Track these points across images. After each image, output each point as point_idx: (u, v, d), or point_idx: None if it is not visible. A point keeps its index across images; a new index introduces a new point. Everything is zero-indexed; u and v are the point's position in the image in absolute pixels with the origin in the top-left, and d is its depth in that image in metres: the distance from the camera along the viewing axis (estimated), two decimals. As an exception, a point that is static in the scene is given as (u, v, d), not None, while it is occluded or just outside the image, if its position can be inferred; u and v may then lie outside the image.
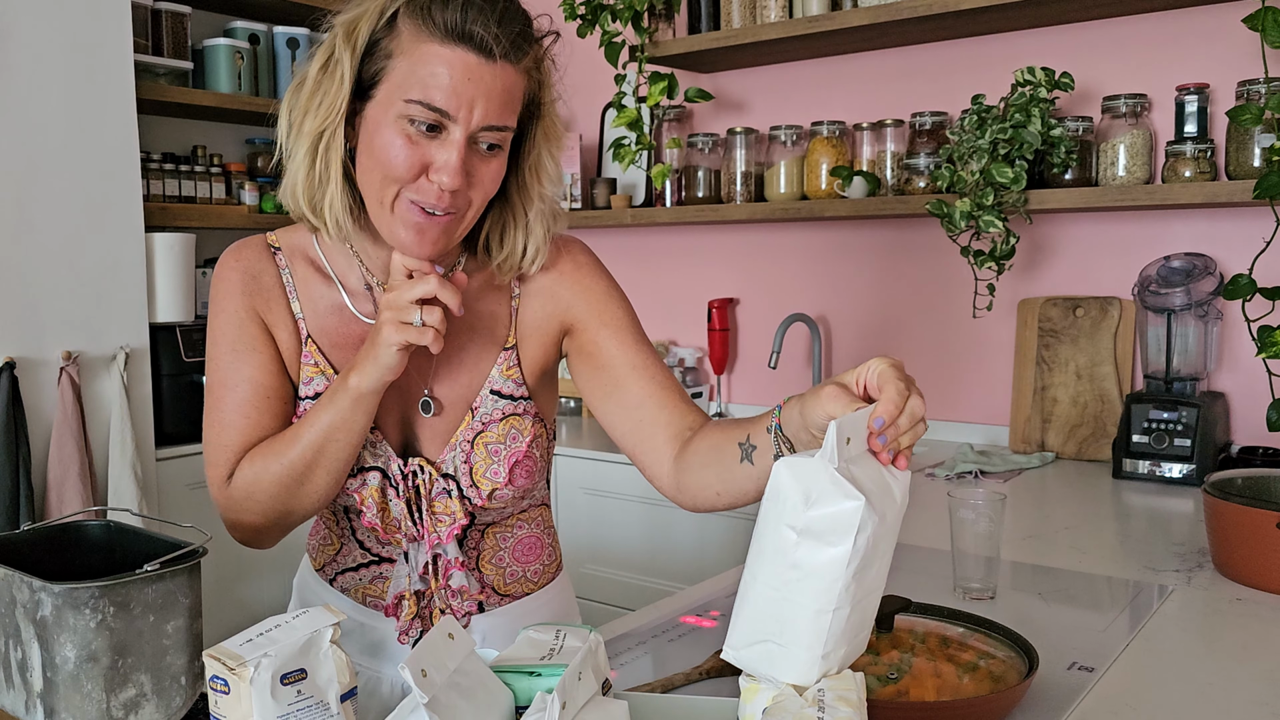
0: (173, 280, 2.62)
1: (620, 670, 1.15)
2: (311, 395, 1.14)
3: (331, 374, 1.14)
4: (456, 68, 0.99)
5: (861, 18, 2.37)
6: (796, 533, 0.79)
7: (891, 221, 2.65)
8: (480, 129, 1.01)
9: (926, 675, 1.01)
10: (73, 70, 2.38)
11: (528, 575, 1.28)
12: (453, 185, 1.00)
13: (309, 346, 1.14)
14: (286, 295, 1.15)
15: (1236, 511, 1.44)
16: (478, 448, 1.15)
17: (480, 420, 1.16)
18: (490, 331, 1.17)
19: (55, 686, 0.93)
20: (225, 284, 1.14)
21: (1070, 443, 2.33)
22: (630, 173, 3.00)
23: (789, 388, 2.84)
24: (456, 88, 0.99)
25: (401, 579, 1.18)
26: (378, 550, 1.21)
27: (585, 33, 2.73)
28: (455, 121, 1.00)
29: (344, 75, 1.02)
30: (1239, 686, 1.11)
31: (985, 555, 1.37)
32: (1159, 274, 2.17)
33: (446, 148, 1.01)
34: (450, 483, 1.15)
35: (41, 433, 2.34)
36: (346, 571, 1.24)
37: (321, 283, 1.16)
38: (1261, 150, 2.02)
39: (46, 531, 1.10)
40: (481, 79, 0.99)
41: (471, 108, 1.00)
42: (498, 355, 1.17)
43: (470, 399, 1.16)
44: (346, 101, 1.03)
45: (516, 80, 1.03)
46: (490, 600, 1.25)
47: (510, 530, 1.26)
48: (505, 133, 1.04)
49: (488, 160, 1.04)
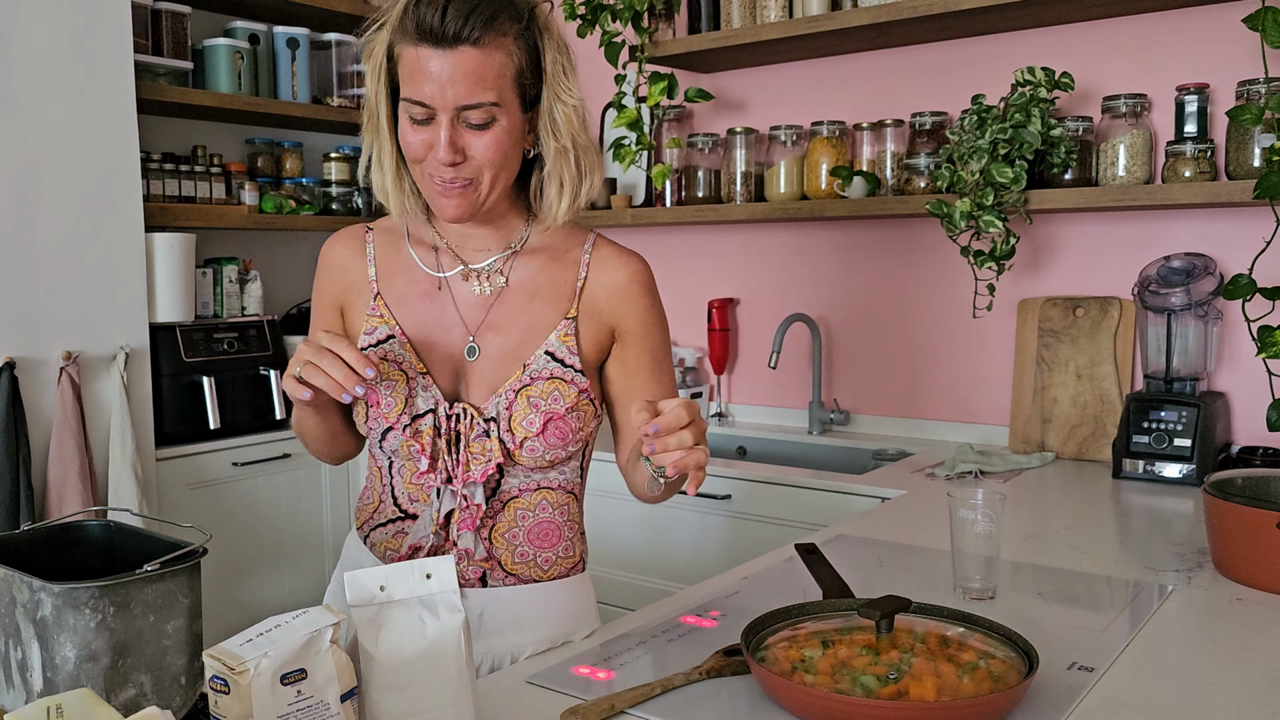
0: (173, 280, 2.62)
1: (620, 670, 1.15)
2: (373, 343, 1.29)
3: (394, 323, 1.29)
4: (422, 63, 1.15)
5: (861, 18, 2.37)
6: None
7: (891, 221, 2.65)
8: (458, 109, 1.16)
9: (926, 675, 1.01)
10: (73, 70, 2.38)
11: (538, 561, 1.29)
12: (446, 160, 1.17)
13: (377, 301, 1.31)
14: (366, 264, 1.34)
15: (1236, 511, 1.44)
16: (520, 398, 1.25)
17: (530, 375, 1.26)
18: (554, 298, 1.29)
19: (55, 686, 0.93)
20: (318, 274, 1.38)
21: (1070, 443, 2.33)
22: (630, 173, 3.00)
23: (789, 388, 2.85)
24: (425, 80, 1.15)
25: (419, 531, 1.27)
26: (407, 506, 1.30)
27: (585, 33, 2.73)
28: (435, 108, 1.16)
29: (376, 94, 1.24)
30: (1239, 686, 1.11)
31: (985, 555, 1.37)
32: (1159, 274, 2.17)
33: (435, 130, 1.18)
34: (491, 425, 1.25)
35: (41, 433, 2.34)
36: (378, 528, 1.33)
37: (398, 249, 1.33)
38: (1261, 150, 2.02)
39: (46, 531, 1.10)
40: (443, 67, 1.15)
41: (443, 94, 1.15)
42: (559, 322, 1.28)
43: (525, 355, 1.27)
44: (386, 112, 1.23)
45: (484, 59, 1.15)
46: (495, 575, 1.27)
47: (532, 509, 1.28)
48: (485, 109, 1.16)
49: (480, 134, 1.18)
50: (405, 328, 1.29)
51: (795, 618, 1.17)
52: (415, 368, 1.27)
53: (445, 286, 1.29)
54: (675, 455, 1.07)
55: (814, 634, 1.13)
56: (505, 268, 1.29)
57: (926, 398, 2.64)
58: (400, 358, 1.27)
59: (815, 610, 1.19)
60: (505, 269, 1.29)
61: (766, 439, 2.75)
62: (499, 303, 1.28)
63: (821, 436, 2.68)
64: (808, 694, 0.99)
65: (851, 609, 1.17)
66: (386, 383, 1.27)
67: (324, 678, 0.89)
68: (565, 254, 1.30)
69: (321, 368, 1.13)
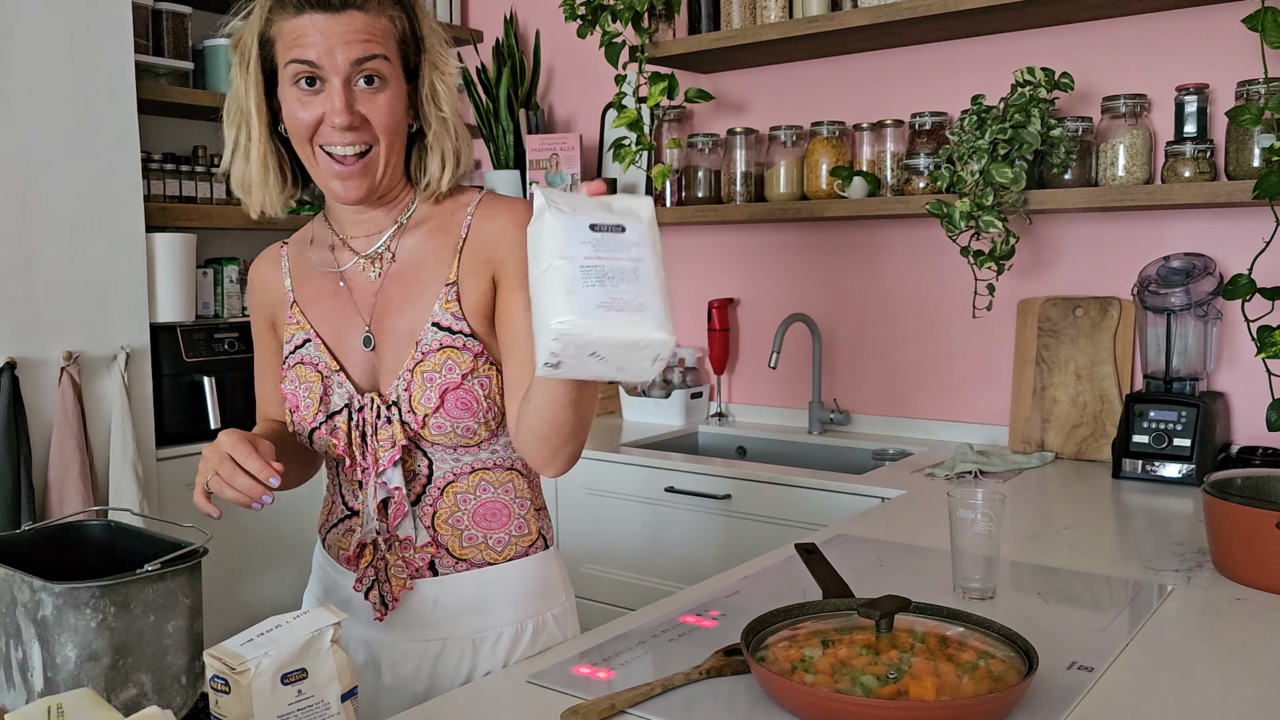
0: (173, 280, 2.62)
1: (620, 670, 1.15)
2: (292, 350, 1.31)
3: (308, 327, 1.31)
4: (311, 28, 1.17)
5: (861, 18, 2.37)
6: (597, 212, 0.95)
7: (891, 222, 2.65)
8: (350, 66, 1.17)
9: (926, 675, 1.01)
10: (73, 70, 2.39)
11: (489, 543, 1.28)
12: (343, 122, 1.17)
13: (294, 309, 1.33)
14: (283, 277, 1.36)
15: (1236, 511, 1.44)
16: (417, 375, 1.24)
17: (421, 351, 1.24)
18: (435, 270, 1.28)
19: (56, 686, 0.93)
20: (247, 299, 1.46)
21: (1070, 443, 2.33)
22: (630, 173, 3.00)
23: (789, 388, 2.85)
24: (315, 42, 1.16)
25: (360, 527, 1.28)
26: (352, 503, 1.31)
27: (585, 33, 2.73)
28: (326, 69, 1.17)
29: (244, 83, 1.24)
30: (1239, 686, 1.11)
31: (985, 555, 1.37)
32: (1159, 274, 2.17)
33: (329, 94, 1.18)
34: (393, 409, 1.24)
35: (42, 433, 2.34)
36: (331, 529, 1.35)
37: (306, 255, 1.36)
38: (1261, 150, 2.02)
39: (47, 531, 1.10)
40: (333, 28, 1.16)
41: (333, 53, 1.16)
42: (440, 290, 1.26)
43: (416, 333, 1.26)
44: (256, 98, 1.23)
45: (371, 21, 1.18)
46: (444, 561, 1.27)
47: (472, 491, 1.28)
48: (377, 61, 1.18)
49: (374, 96, 1.19)
50: (319, 329, 1.31)
51: (795, 617, 1.17)
52: (329, 366, 1.28)
53: (345, 280, 1.30)
54: None
55: (814, 634, 1.13)
56: (394, 245, 1.29)
57: (926, 398, 2.64)
58: (315, 359, 1.29)
59: (815, 610, 1.19)
60: (393, 246, 1.29)
61: (766, 439, 2.75)
62: (390, 284, 1.28)
63: (821, 436, 2.69)
64: (808, 694, 0.99)
65: (851, 609, 1.17)
66: (304, 385, 1.28)
67: (324, 677, 0.89)
68: (450, 218, 1.30)
69: (224, 479, 1.11)
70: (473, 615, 1.28)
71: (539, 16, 3.24)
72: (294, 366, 1.31)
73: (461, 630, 1.27)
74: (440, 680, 1.28)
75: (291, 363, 1.31)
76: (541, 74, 3.26)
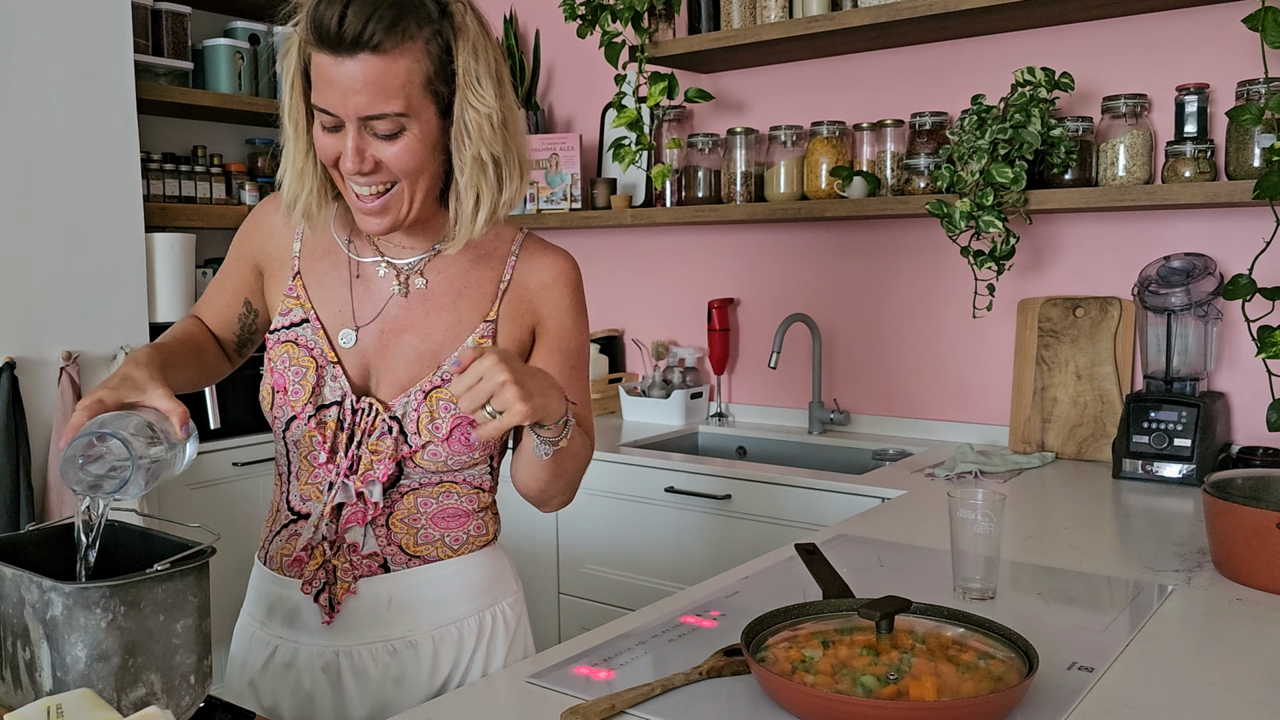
0: (173, 280, 2.62)
1: (620, 670, 1.15)
2: (286, 325, 1.26)
3: (310, 307, 1.26)
4: (325, 70, 1.10)
5: (861, 18, 2.37)
6: None
7: (891, 221, 2.65)
8: (362, 119, 1.11)
9: (926, 675, 1.01)
10: (73, 70, 2.39)
11: (446, 541, 1.27)
12: (353, 169, 1.12)
13: (295, 281, 1.28)
14: (294, 239, 1.30)
15: (1237, 512, 1.44)
16: (431, 399, 1.22)
17: (440, 376, 1.22)
18: (476, 302, 1.26)
19: (65, 686, 0.93)
20: (243, 225, 1.36)
21: (1070, 443, 2.33)
22: (630, 173, 3.00)
23: (789, 388, 2.85)
24: (329, 88, 1.10)
25: (310, 529, 1.25)
26: (299, 507, 1.27)
27: (585, 33, 2.73)
28: (340, 114, 1.11)
29: (290, 94, 1.19)
30: (1239, 686, 1.12)
31: (985, 555, 1.37)
32: (1159, 274, 2.17)
33: (343, 139, 1.13)
34: (395, 424, 1.22)
35: (41, 433, 2.34)
36: (274, 537, 1.30)
37: (325, 231, 1.30)
38: (1261, 150, 2.02)
39: (49, 532, 1.10)
40: (343, 76, 1.09)
41: (345, 103, 1.10)
42: (478, 324, 1.25)
43: (439, 356, 1.24)
44: (291, 109, 1.19)
45: (387, 66, 1.09)
46: (397, 560, 1.25)
47: (435, 498, 1.26)
48: (390, 119, 1.11)
49: (390, 144, 1.13)
50: (320, 314, 1.26)
51: (795, 618, 1.17)
52: (327, 357, 1.24)
53: (364, 276, 1.26)
54: (471, 398, 1.03)
55: (814, 634, 1.13)
56: (427, 269, 1.25)
57: (926, 398, 2.64)
58: (311, 344, 1.24)
59: (815, 610, 1.19)
60: (426, 270, 1.25)
61: (766, 439, 2.76)
62: (418, 303, 1.25)
63: (821, 436, 2.69)
64: (808, 694, 0.99)
65: (851, 609, 1.17)
66: (295, 368, 1.24)
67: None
68: (493, 252, 1.27)
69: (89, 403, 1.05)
70: (430, 610, 1.26)
71: (539, 16, 3.24)
72: (285, 344, 1.26)
73: (421, 627, 1.25)
74: (408, 682, 1.25)
75: (283, 339, 1.26)
76: (541, 74, 3.26)
